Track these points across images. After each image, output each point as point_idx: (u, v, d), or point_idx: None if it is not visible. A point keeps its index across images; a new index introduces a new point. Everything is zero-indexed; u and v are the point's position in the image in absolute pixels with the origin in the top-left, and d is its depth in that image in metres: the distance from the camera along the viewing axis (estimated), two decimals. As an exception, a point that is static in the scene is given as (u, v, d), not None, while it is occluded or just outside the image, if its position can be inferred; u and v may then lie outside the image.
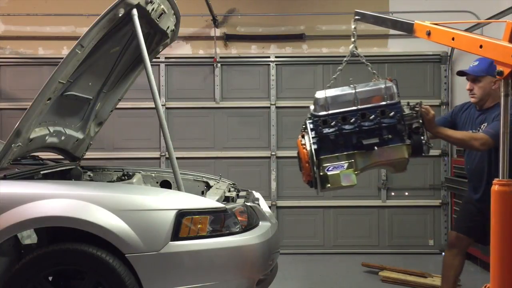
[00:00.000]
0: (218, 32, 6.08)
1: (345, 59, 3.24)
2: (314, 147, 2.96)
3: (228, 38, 6.12)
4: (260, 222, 3.13)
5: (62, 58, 2.94)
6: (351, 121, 2.97)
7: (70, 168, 3.84)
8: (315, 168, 2.96)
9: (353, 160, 2.99)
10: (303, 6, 6.09)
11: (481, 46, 2.43)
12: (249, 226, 2.97)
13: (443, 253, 5.82)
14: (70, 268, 2.82)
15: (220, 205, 2.91)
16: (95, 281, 2.73)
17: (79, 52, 2.89)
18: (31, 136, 3.13)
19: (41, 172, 3.27)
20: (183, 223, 2.72)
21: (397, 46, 6.02)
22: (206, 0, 5.43)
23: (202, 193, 3.81)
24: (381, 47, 6.12)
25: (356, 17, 3.24)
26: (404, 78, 6.05)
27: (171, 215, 2.71)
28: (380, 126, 2.96)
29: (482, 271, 5.13)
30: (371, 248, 6.04)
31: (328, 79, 5.52)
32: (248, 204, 3.20)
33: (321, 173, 2.97)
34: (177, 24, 3.74)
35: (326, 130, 2.97)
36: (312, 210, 6.08)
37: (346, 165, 2.97)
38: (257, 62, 6.14)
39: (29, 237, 3.18)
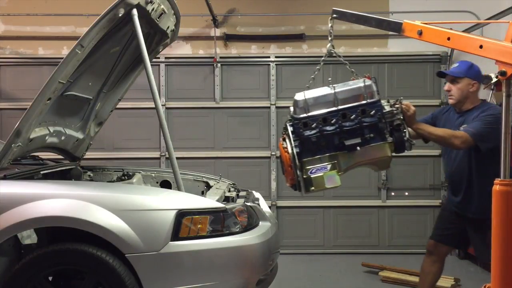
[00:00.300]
0: (218, 32, 6.08)
1: (322, 58, 3.21)
2: (296, 150, 2.92)
3: (228, 38, 6.12)
4: (260, 222, 3.12)
5: (62, 58, 2.93)
6: (332, 122, 2.93)
7: (70, 168, 3.84)
8: (298, 172, 2.92)
9: (336, 161, 2.95)
10: (303, 6, 6.09)
11: (481, 47, 2.42)
12: (249, 226, 2.97)
13: (443, 253, 5.83)
14: (70, 268, 2.81)
15: (220, 205, 2.90)
16: (95, 281, 2.73)
17: (79, 52, 2.89)
18: (31, 136, 3.13)
19: (41, 172, 3.27)
20: (183, 223, 2.72)
21: (397, 46, 6.02)
22: (206, 0, 5.43)
23: (202, 193, 3.81)
24: (381, 47, 6.12)
25: (334, 15, 3.16)
26: (404, 78, 6.08)
27: (171, 215, 2.71)
28: (362, 126, 2.93)
29: (482, 271, 5.12)
30: (371, 248, 6.03)
31: (328, 79, 5.53)
32: (248, 204, 3.20)
33: (304, 176, 2.93)
34: (177, 24, 3.74)
35: (307, 133, 2.93)
36: (312, 210, 6.08)
37: (329, 166, 2.93)
38: (257, 62, 6.14)
39: (29, 237, 3.18)
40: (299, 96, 3.01)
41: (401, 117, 3.00)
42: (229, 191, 3.65)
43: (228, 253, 2.79)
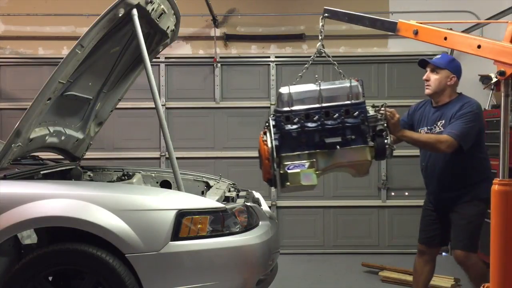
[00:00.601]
0: (218, 32, 6.08)
1: (311, 56, 3.20)
2: (275, 143, 2.89)
3: (228, 38, 6.12)
4: (260, 222, 3.13)
5: (62, 58, 2.94)
6: (315, 118, 2.89)
7: (70, 168, 3.84)
8: (275, 166, 2.89)
9: (314, 160, 2.91)
10: (303, 6, 6.09)
11: (479, 46, 2.41)
12: (249, 226, 2.97)
13: (443, 253, 5.84)
14: (70, 268, 2.81)
15: (220, 205, 2.91)
16: (95, 281, 2.73)
17: (79, 52, 2.89)
18: (31, 136, 3.13)
19: (41, 172, 3.27)
20: (183, 223, 2.72)
21: (397, 46, 6.02)
22: (206, 0, 5.43)
23: (202, 193, 3.81)
24: (381, 47, 6.12)
25: (325, 14, 3.15)
26: (404, 78, 6.07)
27: (171, 215, 2.71)
28: (344, 126, 2.89)
29: (482, 271, 5.11)
30: (371, 248, 6.03)
31: (329, 79, 5.54)
32: (248, 204, 3.20)
33: (281, 171, 2.90)
34: (177, 24, 3.74)
35: (288, 127, 2.90)
36: (312, 210, 6.08)
37: (307, 164, 2.89)
38: (257, 62, 6.14)
39: (29, 237, 3.18)
40: (284, 90, 2.97)
41: (385, 124, 2.98)
42: (229, 191, 3.65)
43: (228, 253, 2.79)
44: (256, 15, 6.08)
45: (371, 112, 2.99)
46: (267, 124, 3.02)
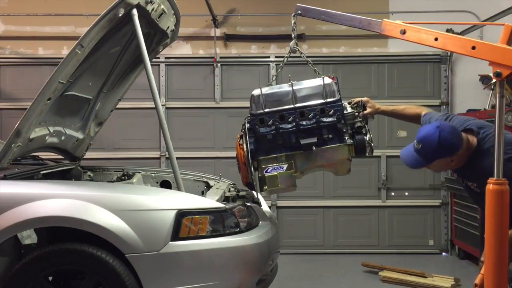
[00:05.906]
0: (218, 32, 6.08)
1: (285, 55, 3.15)
2: (250, 147, 2.84)
3: (228, 38, 6.12)
4: (260, 222, 3.13)
5: (62, 58, 2.94)
6: (289, 120, 2.83)
7: (70, 168, 3.84)
8: (252, 170, 2.84)
9: (292, 162, 2.85)
10: (303, 6, 6.09)
11: (473, 48, 2.39)
12: (249, 226, 2.97)
13: (443, 253, 5.86)
14: (70, 268, 2.82)
15: (220, 205, 2.91)
16: (95, 281, 2.73)
17: (79, 52, 2.90)
18: (31, 136, 3.13)
19: (41, 172, 3.27)
20: (183, 223, 2.72)
21: (397, 46, 6.02)
22: (206, 0, 5.43)
23: (202, 193, 3.81)
24: (381, 47, 6.12)
25: (298, 12, 3.01)
26: (404, 78, 6.08)
27: (171, 215, 2.72)
28: (319, 125, 2.82)
29: (482, 271, 5.12)
30: (371, 248, 6.03)
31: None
32: (248, 204, 3.20)
33: (259, 175, 2.86)
34: (177, 24, 3.74)
35: (263, 130, 2.85)
36: (312, 210, 6.08)
37: (285, 166, 2.84)
38: (257, 62, 6.14)
39: (29, 237, 3.18)
40: (256, 92, 2.92)
41: (363, 120, 2.91)
42: (229, 191, 3.65)
43: (228, 253, 2.79)
44: (256, 15, 6.08)
45: (349, 109, 2.92)
46: (243, 127, 2.97)
